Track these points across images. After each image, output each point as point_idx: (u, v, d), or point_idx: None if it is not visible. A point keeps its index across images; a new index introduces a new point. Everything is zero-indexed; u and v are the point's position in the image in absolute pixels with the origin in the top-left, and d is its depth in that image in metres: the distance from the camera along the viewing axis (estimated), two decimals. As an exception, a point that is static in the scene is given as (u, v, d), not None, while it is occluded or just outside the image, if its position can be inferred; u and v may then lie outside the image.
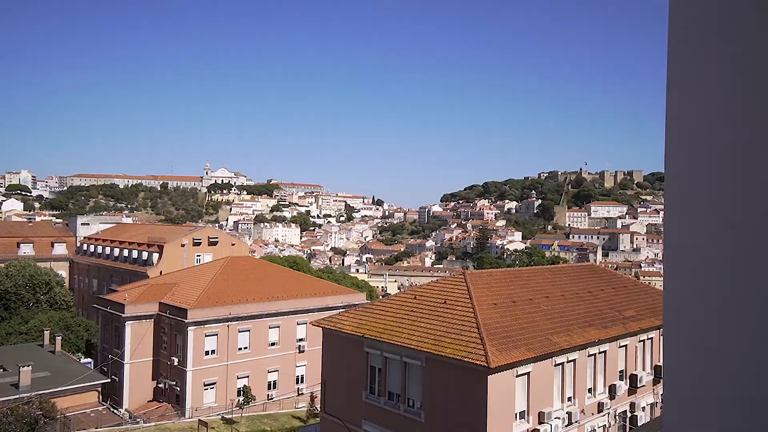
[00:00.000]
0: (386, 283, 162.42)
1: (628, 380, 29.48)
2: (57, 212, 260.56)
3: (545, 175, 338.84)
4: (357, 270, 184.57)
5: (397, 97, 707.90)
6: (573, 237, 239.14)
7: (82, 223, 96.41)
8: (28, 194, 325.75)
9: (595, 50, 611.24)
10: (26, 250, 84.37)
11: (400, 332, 25.03)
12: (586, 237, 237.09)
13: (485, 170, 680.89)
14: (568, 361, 25.48)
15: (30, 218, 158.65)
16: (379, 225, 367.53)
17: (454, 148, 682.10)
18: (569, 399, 25.83)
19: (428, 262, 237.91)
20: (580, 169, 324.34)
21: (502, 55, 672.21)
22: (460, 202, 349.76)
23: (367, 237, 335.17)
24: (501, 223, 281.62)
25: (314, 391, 48.44)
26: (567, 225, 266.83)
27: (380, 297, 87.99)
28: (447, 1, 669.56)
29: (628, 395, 29.53)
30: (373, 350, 25.86)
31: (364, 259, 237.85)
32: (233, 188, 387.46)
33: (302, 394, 54.16)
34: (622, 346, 29.22)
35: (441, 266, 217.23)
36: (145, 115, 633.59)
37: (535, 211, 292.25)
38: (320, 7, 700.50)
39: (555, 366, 24.87)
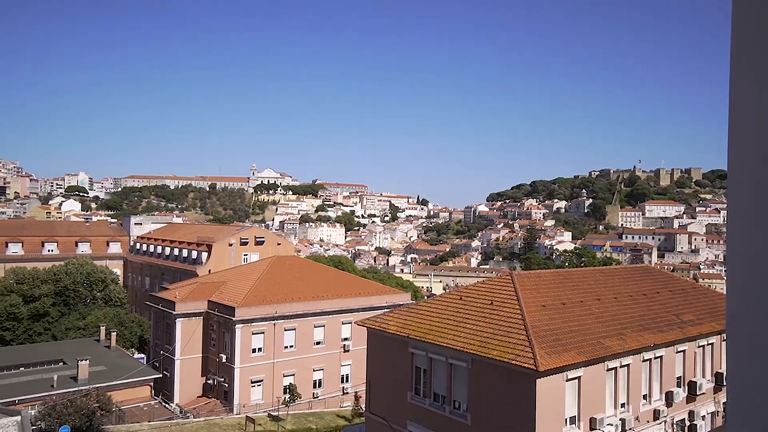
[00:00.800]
0: (431, 284, 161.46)
1: (686, 387, 28.01)
2: (112, 212, 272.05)
3: (596, 173, 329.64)
4: (402, 270, 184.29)
5: (442, 96, 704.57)
6: (626, 237, 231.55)
7: (135, 223, 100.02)
8: (86, 195, 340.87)
9: (650, 44, 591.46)
10: (84, 248, 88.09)
11: (446, 333, 24.55)
12: (640, 237, 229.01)
13: (533, 169, 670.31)
14: (621, 366, 24.39)
15: (87, 218, 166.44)
16: (424, 225, 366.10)
17: (500, 147, 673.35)
18: (623, 405, 24.73)
19: (474, 262, 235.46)
20: (634, 167, 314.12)
21: (552, 53, 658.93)
22: (507, 201, 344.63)
23: (411, 237, 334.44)
24: (549, 223, 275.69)
25: (359, 391, 48.44)
26: (620, 225, 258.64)
27: (425, 297, 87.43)
28: (491, 1, 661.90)
29: (687, 403, 28.06)
30: (418, 351, 25.47)
31: (408, 259, 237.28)
32: (279, 188, 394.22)
33: (347, 393, 54.27)
34: (680, 352, 27.79)
35: (487, 267, 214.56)
36: (195, 117, 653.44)
37: (586, 211, 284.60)
38: (366, 6, 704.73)
39: (607, 371, 23.85)
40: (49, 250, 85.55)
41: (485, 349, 22.30)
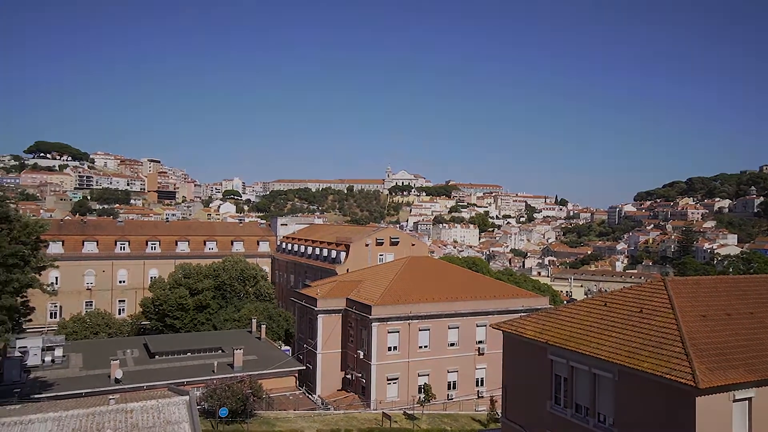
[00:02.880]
0: (571, 288, 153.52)
1: None
2: (261, 214, 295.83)
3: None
4: (539, 273, 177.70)
5: (583, 89, 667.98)
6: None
7: (281, 224, 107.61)
8: (239, 198, 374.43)
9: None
10: (238, 247, 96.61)
11: (589, 341, 23.07)
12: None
13: (689, 164, 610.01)
14: (805, 390, 21.06)
15: (240, 219, 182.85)
16: (563, 226, 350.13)
17: (650, 141, 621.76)
18: (807, 435, 21.35)
19: (619, 266, 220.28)
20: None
21: (712, 36, 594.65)
22: (658, 200, 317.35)
23: (549, 238, 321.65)
24: (709, 224, 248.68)
25: (494, 395, 47.39)
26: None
27: (564, 302, 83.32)
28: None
29: None
30: (558, 358, 24.24)
31: (546, 262, 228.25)
32: (413, 190, 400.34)
33: (482, 397, 53.44)
34: None
35: (635, 271, 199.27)
36: (334, 123, 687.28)
37: (755, 211, 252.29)
38: (495, 5, 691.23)
39: (787, 394, 20.72)
40: (209, 249, 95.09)
41: (634, 360, 20.57)
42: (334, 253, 79.74)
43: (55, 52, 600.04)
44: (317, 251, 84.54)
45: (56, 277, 77.54)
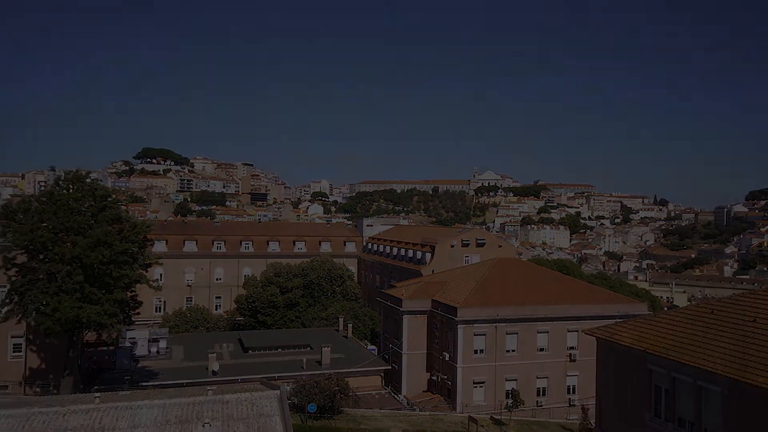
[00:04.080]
0: (672, 294, 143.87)
1: None
2: (347, 215, 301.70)
3: None
4: (636, 277, 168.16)
5: (684, 80, 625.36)
6: None
7: (367, 225, 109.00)
8: (327, 200, 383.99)
9: None
10: (325, 247, 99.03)
11: (693, 351, 21.41)
12: None
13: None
14: None
15: (328, 220, 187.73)
16: (663, 227, 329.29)
17: (763, 136, 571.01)
18: None
19: (728, 271, 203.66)
20: None
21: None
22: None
23: (647, 241, 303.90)
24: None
25: (587, 404, 45.35)
26: None
27: (665, 309, 78.34)
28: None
29: None
30: (658, 368, 22.71)
31: (644, 266, 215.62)
32: (499, 190, 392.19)
33: (574, 405, 51.31)
34: None
35: (746, 277, 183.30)
36: (418, 124, 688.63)
37: None
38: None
39: None
40: (299, 249, 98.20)
41: (746, 374, 18.82)
42: (419, 254, 79.73)
43: (161, 66, 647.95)
44: (402, 252, 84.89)
45: (160, 274, 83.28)
